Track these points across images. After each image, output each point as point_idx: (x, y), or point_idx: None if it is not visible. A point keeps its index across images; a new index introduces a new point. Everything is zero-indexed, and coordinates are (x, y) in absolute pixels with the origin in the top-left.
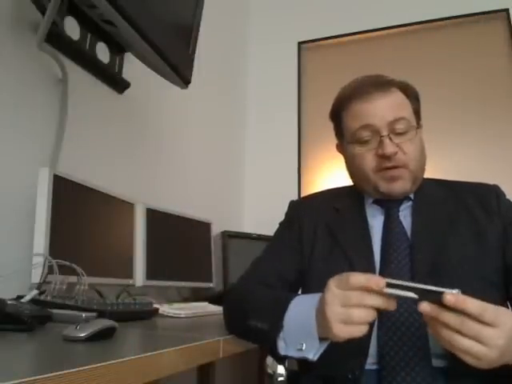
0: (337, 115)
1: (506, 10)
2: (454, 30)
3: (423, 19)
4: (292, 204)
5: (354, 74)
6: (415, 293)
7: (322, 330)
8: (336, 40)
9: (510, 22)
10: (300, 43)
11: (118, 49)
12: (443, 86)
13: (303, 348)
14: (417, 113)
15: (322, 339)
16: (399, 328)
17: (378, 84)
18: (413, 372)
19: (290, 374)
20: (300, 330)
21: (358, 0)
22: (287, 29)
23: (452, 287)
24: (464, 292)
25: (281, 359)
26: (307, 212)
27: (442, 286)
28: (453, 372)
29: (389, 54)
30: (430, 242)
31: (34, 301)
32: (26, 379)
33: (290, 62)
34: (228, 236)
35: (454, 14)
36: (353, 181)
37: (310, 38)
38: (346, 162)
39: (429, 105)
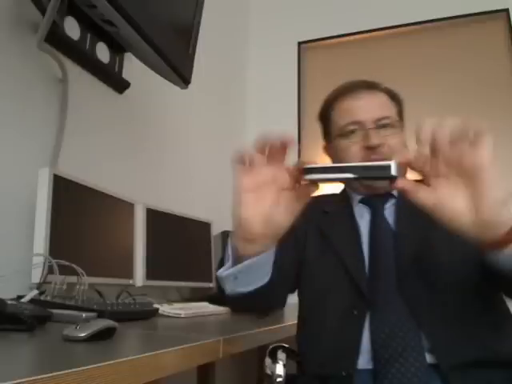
0: (325, 115)
1: (506, 10)
2: (454, 29)
3: (423, 19)
4: None
5: (354, 74)
6: (351, 173)
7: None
8: (336, 40)
9: (510, 21)
10: (300, 43)
11: (117, 49)
12: (443, 85)
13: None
14: (400, 116)
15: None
16: (390, 321)
17: (365, 84)
18: (407, 363)
19: (287, 375)
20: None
21: (358, 0)
22: (287, 29)
23: (440, 277)
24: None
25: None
26: (299, 215)
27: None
28: (445, 365)
29: (388, 53)
30: (414, 236)
31: (33, 301)
32: (25, 379)
33: (290, 62)
34: (228, 236)
35: (454, 14)
36: None
37: (310, 38)
38: (333, 160)
39: (428, 105)
